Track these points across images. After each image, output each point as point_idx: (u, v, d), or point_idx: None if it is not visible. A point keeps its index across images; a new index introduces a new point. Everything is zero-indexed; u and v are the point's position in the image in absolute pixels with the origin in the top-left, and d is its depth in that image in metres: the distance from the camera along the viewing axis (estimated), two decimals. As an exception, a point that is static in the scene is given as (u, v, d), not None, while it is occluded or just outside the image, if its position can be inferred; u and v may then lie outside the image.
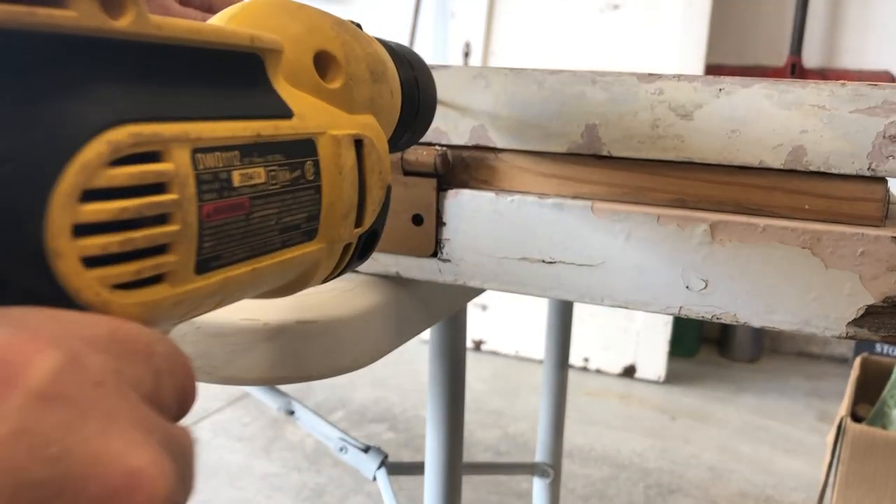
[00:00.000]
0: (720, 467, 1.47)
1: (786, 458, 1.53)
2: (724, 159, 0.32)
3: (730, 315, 0.33)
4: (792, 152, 0.31)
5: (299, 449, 1.48)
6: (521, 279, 0.36)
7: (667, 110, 0.33)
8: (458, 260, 0.37)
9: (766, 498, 1.37)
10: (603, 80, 0.33)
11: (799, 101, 0.31)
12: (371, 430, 1.58)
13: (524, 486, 1.36)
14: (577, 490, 1.37)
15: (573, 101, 0.34)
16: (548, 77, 0.34)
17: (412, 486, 1.34)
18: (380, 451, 0.87)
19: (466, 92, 0.35)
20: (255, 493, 1.31)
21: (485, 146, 0.36)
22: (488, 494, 1.34)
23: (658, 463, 1.48)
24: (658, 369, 1.92)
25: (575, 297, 0.35)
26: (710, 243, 0.32)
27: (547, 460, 1.01)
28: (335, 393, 1.76)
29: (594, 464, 1.47)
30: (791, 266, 0.31)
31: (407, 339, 0.40)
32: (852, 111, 0.30)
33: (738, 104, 0.32)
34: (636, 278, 0.34)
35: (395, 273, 0.38)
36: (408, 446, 1.51)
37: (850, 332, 0.31)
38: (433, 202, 0.36)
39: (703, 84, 0.32)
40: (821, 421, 1.73)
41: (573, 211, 0.34)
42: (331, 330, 0.35)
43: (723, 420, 1.70)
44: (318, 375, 0.35)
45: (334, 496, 1.31)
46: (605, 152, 0.34)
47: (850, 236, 0.31)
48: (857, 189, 0.31)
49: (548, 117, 0.34)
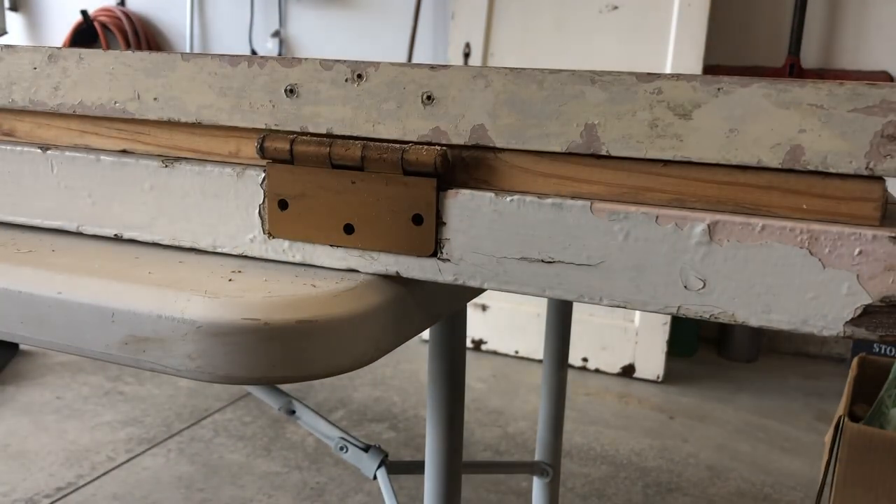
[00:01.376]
0: (718, 466, 1.48)
1: (784, 457, 1.53)
2: (722, 159, 0.32)
3: (728, 314, 0.33)
4: (790, 152, 0.31)
5: (300, 448, 1.49)
6: (520, 279, 0.36)
7: (665, 110, 0.33)
8: (458, 260, 0.37)
9: (765, 497, 1.37)
10: (602, 79, 0.34)
11: (797, 101, 0.31)
12: (371, 429, 1.58)
13: (523, 485, 1.37)
14: (576, 489, 1.37)
15: (572, 100, 0.34)
16: (547, 77, 0.34)
17: (412, 485, 1.34)
18: (380, 451, 0.87)
19: (466, 92, 0.35)
20: (255, 492, 1.32)
21: (485, 146, 0.36)
22: (488, 493, 1.34)
23: (656, 462, 1.48)
24: (656, 369, 1.92)
25: (574, 296, 0.35)
26: (709, 243, 0.33)
27: (546, 459, 1.01)
28: (335, 393, 1.76)
29: (593, 463, 1.47)
30: (789, 266, 0.32)
31: (407, 339, 0.40)
32: (850, 110, 0.30)
33: (736, 103, 0.32)
34: (635, 278, 0.34)
35: (395, 273, 0.38)
36: (408, 446, 1.51)
37: (848, 331, 0.31)
38: (433, 202, 0.37)
39: (702, 83, 0.32)
40: (819, 420, 1.73)
41: (572, 210, 0.34)
42: (331, 330, 0.35)
43: (721, 419, 1.71)
44: (318, 375, 0.35)
45: (335, 495, 1.32)
46: (604, 152, 0.34)
47: (847, 236, 0.31)
48: (855, 188, 0.32)
49: (547, 117, 0.35)
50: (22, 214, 0.46)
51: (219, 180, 0.41)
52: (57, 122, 0.46)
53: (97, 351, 0.36)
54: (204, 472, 1.38)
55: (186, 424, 1.57)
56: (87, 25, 2.86)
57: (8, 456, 1.41)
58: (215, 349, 0.33)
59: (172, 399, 1.69)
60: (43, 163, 0.45)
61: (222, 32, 2.76)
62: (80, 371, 1.83)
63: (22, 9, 3.10)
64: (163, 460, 1.42)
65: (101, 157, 0.44)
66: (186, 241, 0.42)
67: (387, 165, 0.36)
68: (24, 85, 0.45)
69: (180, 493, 1.31)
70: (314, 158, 0.38)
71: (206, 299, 0.34)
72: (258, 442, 1.50)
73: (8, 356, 1.87)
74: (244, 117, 0.40)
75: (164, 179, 0.42)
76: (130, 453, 1.44)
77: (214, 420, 1.59)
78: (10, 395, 1.68)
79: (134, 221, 0.43)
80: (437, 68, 0.35)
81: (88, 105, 0.43)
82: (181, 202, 0.42)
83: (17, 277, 0.38)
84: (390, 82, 0.36)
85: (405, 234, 0.38)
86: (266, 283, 0.37)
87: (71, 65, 0.43)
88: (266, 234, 0.40)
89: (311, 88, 0.38)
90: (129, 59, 0.42)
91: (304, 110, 0.38)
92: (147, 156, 0.43)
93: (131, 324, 0.35)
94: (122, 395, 1.70)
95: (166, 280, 0.37)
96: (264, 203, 0.40)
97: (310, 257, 0.40)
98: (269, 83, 0.39)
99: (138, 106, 0.42)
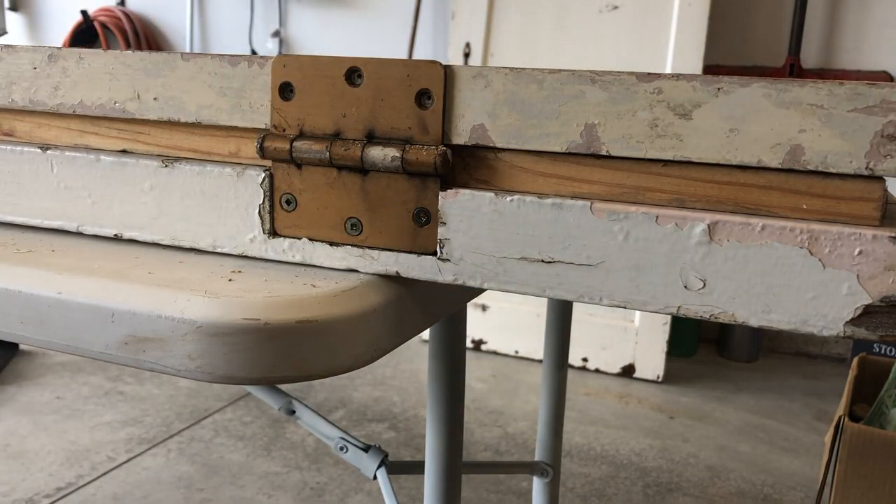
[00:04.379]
0: (719, 466, 1.48)
1: (784, 457, 1.53)
2: (722, 159, 0.32)
3: (728, 314, 0.33)
4: (790, 152, 0.31)
5: (300, 448, 1.49)
6: (520, 279, 0.36)
7: (665, 110, 0.33)
8: (458, 260, 0.37)
9: (765, 497, 1.37)
10: (602, 79, 0.34)
11: (797, 101, 0.31)
12: (371, 429, 1.58)
13: (524, 485, 1.36)
14: (577, 489, 1.37)
15: (572, 100, 0.34)
16: (547, 76, 0.34)
17: (412, 485, 1.34)
18: (380, 451, 0.87)
19: (466, 92, 0.35)
20: (255, 492, 1.32)
21: (485, 146, 0.36)
22: (488, 493, 1.34)
23: (657, 462, 1.48)
24: (657, 369, 1.92)
25: (574, 296, 0.35)
26: (709, 243, 0.33)
27: (546, 459, 1.01)
28: (335, 392, 1.76)
29: (593, 463, 1.47)
30: (789, 266, 0.32)
31: (407, 339, 0.40)
32: (850, 110, 0.30)
33: (736, 103, 0.32)
34: (635, 278, 0.34)
35: (395, 273, 0.38)
36: (408, 446, 1.51)
37: (848, 331, 0.31)
38: (433, 202, 0.37)
39: (702, 83, 0.32)
40: (819, 420, 1.73)
41: (572, 210, 0.34)
42: (331, 330, 0.35)
43: (721, 419, 1.71)
44: (318, 375, 0.35)
45: (335, 495, 1.32)
46: (604, 152, 0.34)
47: (847, 236, 0.31)
48: (855, 188, 0.32)
49: (547, 117, 0.35)
50: (22, 214, 0.46)
51: (219, 180, 0.41)
52: (57, 122, 0.46)
53: (97, 351, 0.36)
54: (204, 472, 1.38)
55: (186, 424, 1.57)
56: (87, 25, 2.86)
57: (8, 456, 1.41)
58: (215, 349, 0.33)
59: (172, 399, 1.69)
60: (43, 163, 0.45)
61: (222, 32, 2.76)
62: (80, 371, 1.83)
63: (22, 9, 3.10)
64: (163, 460, 1.42)
65: (101, 157, 0.43)
66: (186, 241, 0.42)
67: (387, 165, 0.36)
68: (24, 85, 0.45)
69: (180, 493, 1.31)
70: (314, 158, 0.38)
71: (205, 299, 0.34)
72: (258, 442, 1.50)
73: (8, 356, 1.87)
74: (244, 117, 0.40)
75: (164, 179, 0.42)
76: (130, 453, 1.44)
77: (214, 420, 1.59)
78: (10, 395, 1.68)
79: (134, 221, 0.43)
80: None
81: (88, 105, 0.43)
82: (181, 202, 0.42)
83: (17, 277, 0.38)
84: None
85: (405, 233, 0.38)
86: (266, 283, 0.37)
87: (71, 65, 0.43)
88: (266, 233, 0.40)
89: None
90: (129, 59, 0.42)
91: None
92: (147, 156, 0.43)
93: (131, 324, 0.35)
94: (122, 395, 1.70)
95: (166, 280, 0.37)
96: (264, 203, 0.40)
97: (310, 257, 0.40)
98: (270, 83, 0.39)
99: (138, 106, 0.42)
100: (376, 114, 0.37)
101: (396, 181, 0.37)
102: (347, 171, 0.38)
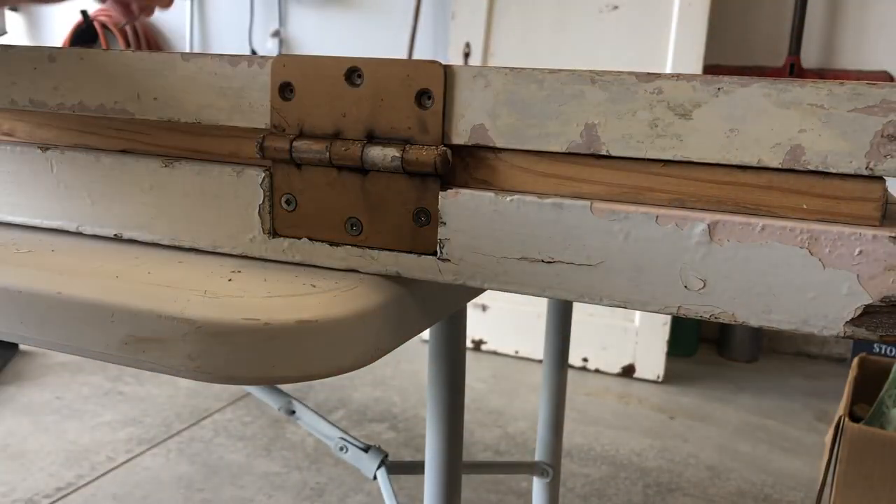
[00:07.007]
0: (719, 466, 1.48)
1: (784, 457, 1.53)
2: (722, 158, 0.32)
3: (728, 314, 0.33)
4: (790, 152, 0.31)
5: (300, 448, 1.49)
6: (520, 279, 0.36)
7: (665, 109, 0.33)
8: (458, 260, 0.37)
9: (765, 497, 1.37)
10: (602, 79, 0.33)
11: (797, 101, 0.31)
12: (371, 429, 1.58)
13: (523, 486, 1.36)
14: (577, 489, 1.37)
15: (572, 100, 0.34)
16: (547, 76, 0.34)
17: (412, 485, 1.34)
18: (380, 451, 0.87)
19: (466, 91, 0.35)
20: (255, 492, 1.32)
21: (485, 146, 0.36)
22: (488, 493, 1.34)
23: (657, 462, 1.48)
24: (657, 369, 1.92)
25: (574, 296, 0.35)
26: (709, 243, 0.33)
27: (546, 459, 1.01)
28: (335, 393, 1.76)
29: (593, 463, 1.47)
30: (789, 265, 0.32)
31: (407, 339, 0.40)
32: (850, 110, 0.30)
33: (736, 103, 0.32)
34: (635, 278, 0.34)
35: (395, 273, 0.38)
36: (408, 446, 1.51)
37: (848, 331, 0.31)
38: (433, 202, 0.37)
39: (702, 83, 0.32)
40: (819, 420, 1.73)
41: (572, 210, 0.34)
42: (331, 330, 0.35)
43: (721, 420, 1.71)
44: (318, 375, 0.35)
45: (335, 495, 1.32)
46: (605, 152, 0.34)
47: (847, 236, 0.31)
48: (855, 188, 0.32)
49: (547, 117, 0.35)
50: (22, 214, 0.46)
51: (219, 180, 0.41)
52: (57, 122, 0.46)
53: (97, 351, 0.36)
54: (204, 472, 1.38)
55: (186, 424, 1.57)
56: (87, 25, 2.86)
57: (8, 456, 1.41)
58: (215, 349, 0.33)
59: (172, 399, 1.69)
60: (43, 163, 0.45)
61: (222, 32, 2.76)
62: (80, 371, 1.83)
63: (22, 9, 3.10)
64: (163, 460, 1.42)
65: (101, 157, 0.43)
66: (186, 241, 0.42)
67: (386, 165, 0.36)
68: (24, 85, 0.45)
69: (180, 493, 1.31)
70: (314, 158, 0.38)
71: (205, 299, 0.34)
72: (258, 442, 1.50)
73: (8, 356, 1.87)
74: (244, 117, 0.40)
75: (164, 179, 0.42)
76: (130, 453, 1.44)
77: (214, 420, 1.59)
78: (10, 395, 1.68)
79: (134, 221, 0.43)
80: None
81: (88, 105, 0.43)
82: (181, 202, 0.42)
83: (17, 277, 0.38)
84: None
85: (405, 233, 0.38)
86: (266, 283, 0.37)
87: (71, 65, 0.43)
88: (266, 233, 0.40)
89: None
90: (129, 59, 0.42)
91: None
92: (147, 156, 0.43)
93: (131, 324, 0.35)
94: (122, 396, 1.70)
95: (166, 280, 0.37)
96: (264, 203, 0.40)
97: (309, 257, 0.40)
98: (269, 83, 0.39)
99: (138, 106, 0.42)
100: (376, 114, 0.37)
101: (396, 181, 0.37)
102: (347, 171, 0.38)
